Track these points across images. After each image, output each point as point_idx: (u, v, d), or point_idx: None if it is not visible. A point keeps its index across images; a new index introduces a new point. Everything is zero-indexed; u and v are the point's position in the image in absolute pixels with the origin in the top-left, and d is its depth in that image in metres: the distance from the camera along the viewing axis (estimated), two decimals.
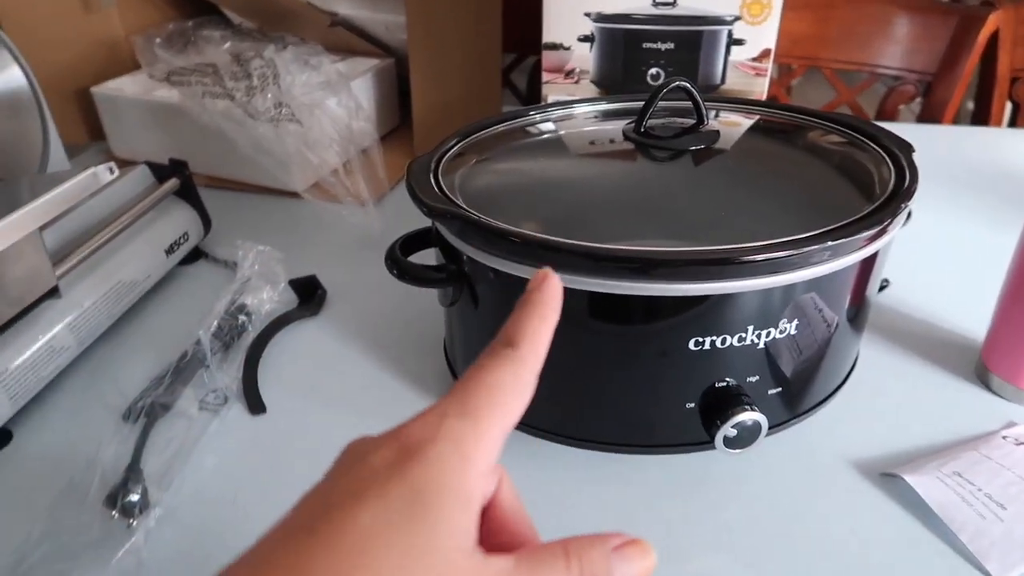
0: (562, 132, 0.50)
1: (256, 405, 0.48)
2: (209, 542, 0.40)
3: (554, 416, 0.43)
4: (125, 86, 0.79)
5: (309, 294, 0.59)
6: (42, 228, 0.46)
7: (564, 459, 0.44)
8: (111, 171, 0.50)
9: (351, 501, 0.19)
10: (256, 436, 0.47)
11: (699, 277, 0.35)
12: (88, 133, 0.84)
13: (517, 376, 0.23)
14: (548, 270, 0.25)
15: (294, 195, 0.74)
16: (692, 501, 0.42)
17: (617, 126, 0.47)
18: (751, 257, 0.35)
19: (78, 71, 0.80)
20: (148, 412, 0.46)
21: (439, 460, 0.20)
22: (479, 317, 0.43)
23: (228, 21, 0.88)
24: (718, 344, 0.38)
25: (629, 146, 0.45)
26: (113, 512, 0.40)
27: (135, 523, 0.39)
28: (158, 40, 0.78)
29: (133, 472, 0.42)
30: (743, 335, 0.38)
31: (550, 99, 0.67)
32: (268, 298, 0.56)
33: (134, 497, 0.40)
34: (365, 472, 0.20)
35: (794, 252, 0.35)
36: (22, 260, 0.45)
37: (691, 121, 0.48)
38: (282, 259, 0.59)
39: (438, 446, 0.20)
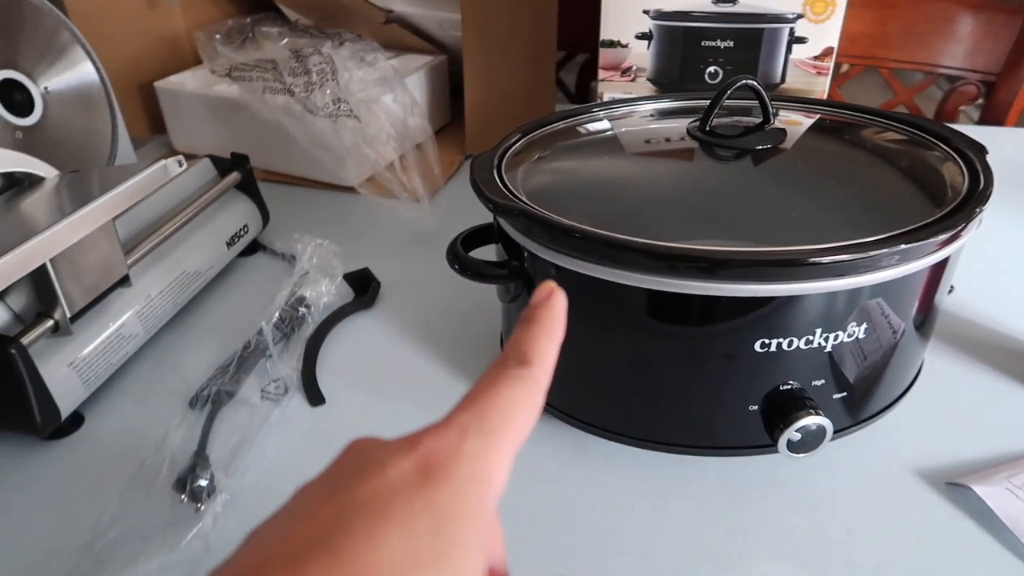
0: (625, 130, 0.50)
1: (315, 396, 0.49)
2: None
3: (614, 415, 0.43)
4: (186, 81, 0.81)
5: (363, 287, 0.60)
6: (114, 219, 0.47)
7: (621, 458, 0.44)
8: (180, 164, 0.51)
9: (374, 521, 0.18)
10: (316, 427, 0.47)
11: (769, 278, 0.35)
12: (149, 127, 0.86)
13: (531, 396, 0.21)
14: (552, 284, 0.24)
15: (347, 189, 0.75)
16: (752, 505, 0.41)
17: (680, 124, 0.47)
18: (822, 259, 0.34)
19: (141, 66, 0.82)
20: (214, 400, 0.47)
21: (464, 482, 0.19)
22: None
23: (285, 18, 0.90)
24: (784, 346, 0.37)
25: (693, 144, 0.44)
26: (182, 496, 0.41)
27: (203, 507, 0.40)
28: (218, 36, 0.80)
29: (200, 458, 0.43)
30: (810, 338, 0.37)
31: (605, 97, 0.67)
32: (326, 291, 0.57)
33: (203, 482, 0.41)
34: (383, 487, 0.18)
35: (865, 255, 0.35)
36: (97, 249, 0.46)
37: (755, 120, 0.47)
38: (339, 253, 0.60)
39: (462, 467, 0.19)
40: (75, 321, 0.46)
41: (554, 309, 0.24)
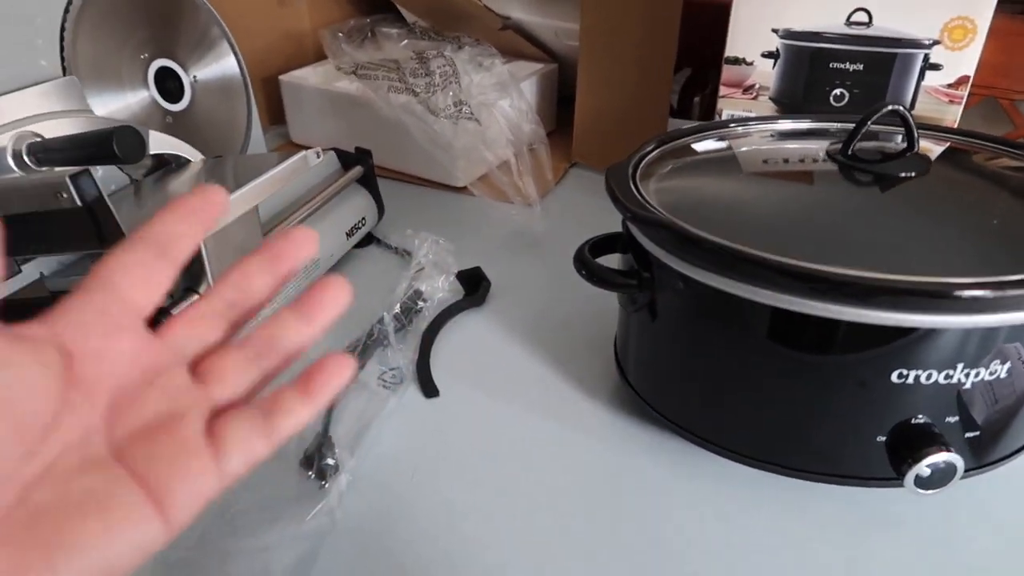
0: (760, 148, 0.49)
1: (430, 389, 0.51)
2: (393, 511, 0.42)
3: (732, 432, 0.43)
4: (308, 76, 0.85)
5: (475, 286, 0.61)
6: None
7: (735, 476, 0.44)
8: (317, 155, 0.53)
9: None
10: (430, 418, 0.49)
11: (917, 308, 0.34)
12: (268, 118, 0.90)
13: None
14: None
15: (455, 189, 0.77)
16: (869, 537, 0.41)
17: (818, 146, 0.46)
18: (979, 292, 0.33)
19: (267, 60, 0.86)
20: None
21: None
22: (665, 325, 0.43)
23: (403, 19, 0.93)
24: (922, 379, 0.37)
25: (832, 167, 0.44)
26: (309, 473, 0.43)
27: (328, 485, 0.42)
28: (341, 35, 0.83)
29: (325, 438, 0.45)
30: (950, 372, 0.36)
31: (724, 114, 0.67)
32: (441, 286, 0.58)
33: (330, 461, 0.42)
34: None
35: (1021, 292, 0.34)
36: (241, 231, 0.49)
37: (889, 145, 0.46)
38: (453, 250, 0.61)
39: None
40: None
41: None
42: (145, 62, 0.56)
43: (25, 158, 0.44)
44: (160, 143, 0.53)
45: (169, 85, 0.57)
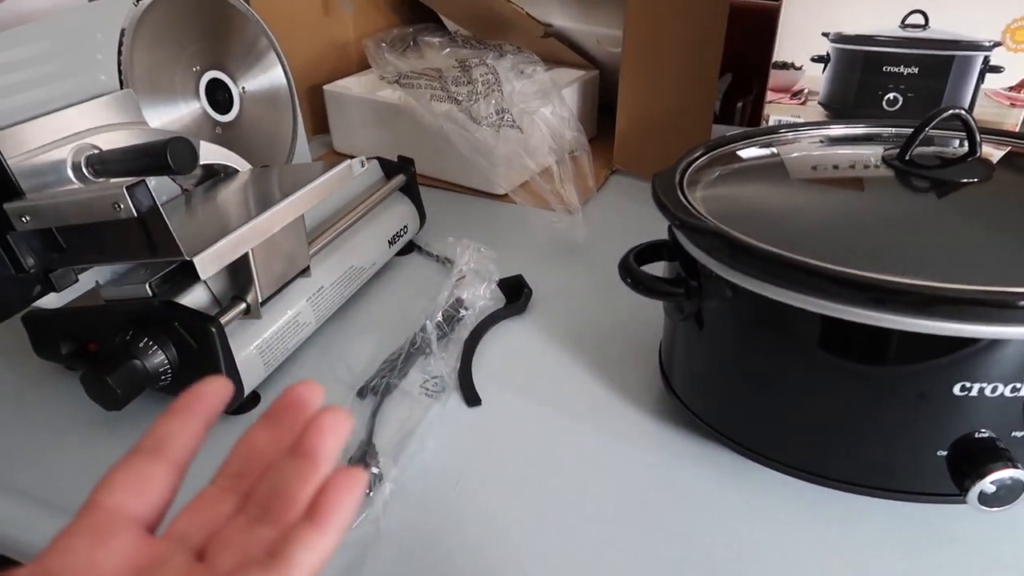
0: (812, 153, 0.48)
1: (472, 397, 0.50)
2: (436, 521, 0.42)
3: (782, 443, 0.42)
4: (352, 85, 0.86)
5: (516, 293, 0.61)
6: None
7: (784, 489, 0.43)
8: (362, 164, 0.54)
9: None
10: (472, 426, 0.49)
11: (982, 318, 0.33)
12: (312, 126, 0.91)
13: None
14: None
15: (495, 196, 0.77)
16: (927, 556, 0.39)
17: (873, 151, 0.45)
18: None
19: (312, 70, 0.87)
20: (383, 391, 0.49)
21: None
22: (713, 335, 0.42)
23: (444, 28, 0.93)
24: (987, 392, 0.35)
25: (889, 173, 0.43)
26: None
27: (372, 494, 0.42)
28: (384, 44, 0.84)
29: (369, 446, 0.45)
30: (1017, 385, 0.35)
31: (771, 120, 0.65)
32: (482, 294, 0.58)
33: (374, 470, 0.43)
34: None
35: None
36: (287, 240, 0.49)
37: (955, 151, 0.45)
38: (495, 258, 0.61)
39: None
40: (264, 305, 0.49)
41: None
42: (197, 74, 0.57)
43: (84, 170, 0.45)
44: (210, 153, 0.54)
45: (219, 96, 0.59)
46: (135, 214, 0.37)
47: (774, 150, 0.49)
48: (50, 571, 0.22)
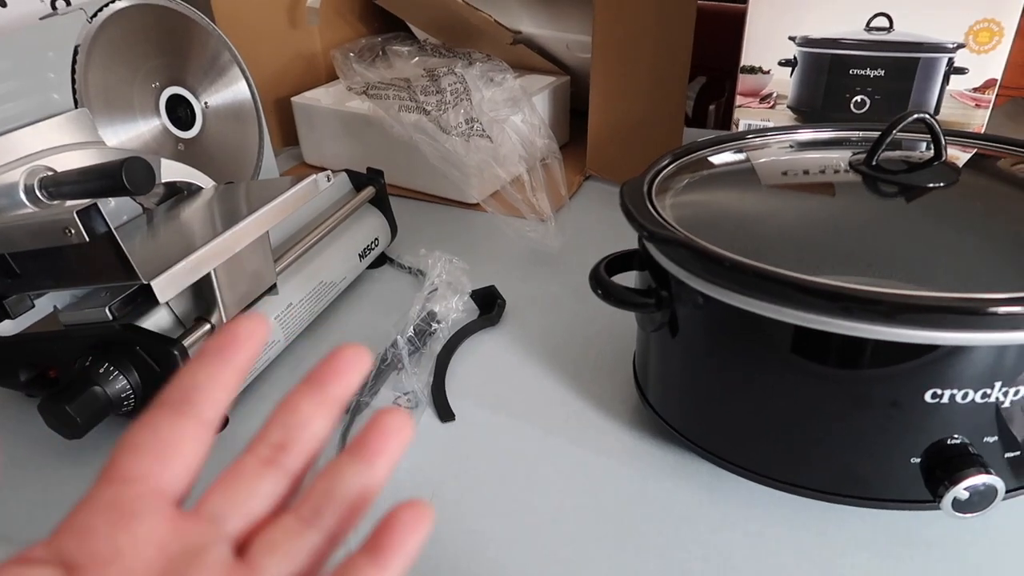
0: (780, 159, 0.48)
1: (446, 413, 0.50)
2: None
3: (757, 454, 0.41)
4: (320, 96, 0.85)
5: (489, 305, 0.60)
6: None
7: (761, 500, 0.42)
8: (328, 179, 0.53)
9: None
10: (446, 442, 0.48)
11: (950, 325, 0.33)
12: (281, 139, 0.90)
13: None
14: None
15: (468, 205, 0.76)
16: (903, 562, 0.39)
17: (839, 156, 0.45)
18: (1010, 308, 0.32)
19: (279, 82, 0.86)
20: (354, 410, 0.48)
21: None
22: (685, 345, 0.42)
23: (414, 37, 0.93)
24: (958, 399, 0.35)
25: (856, 179, 0.42)
26: None
27: None
28: (352, 54, 0.83)
29: None
30: (987, 391, 0.35)
31: (741, 124, 0.65)
32: (455, 307, 0.57)
33: None
34: None
35: None
36: (252, 258, 0.48)
37: (914, 155, 0.45)
38: (467, 270, 0.60)
39: None
40: None
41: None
42: (156, 91, 0.56)
43: (37, 192, 0.44)
44: (172, 171, 0.53)
45: (180, 112, 0.57)
46: (86, 239, 0.36)
47: (743, 156, 0.49)
48: (66, 556, 0.19)
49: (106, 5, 0.51)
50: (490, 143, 0.66)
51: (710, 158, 0.49)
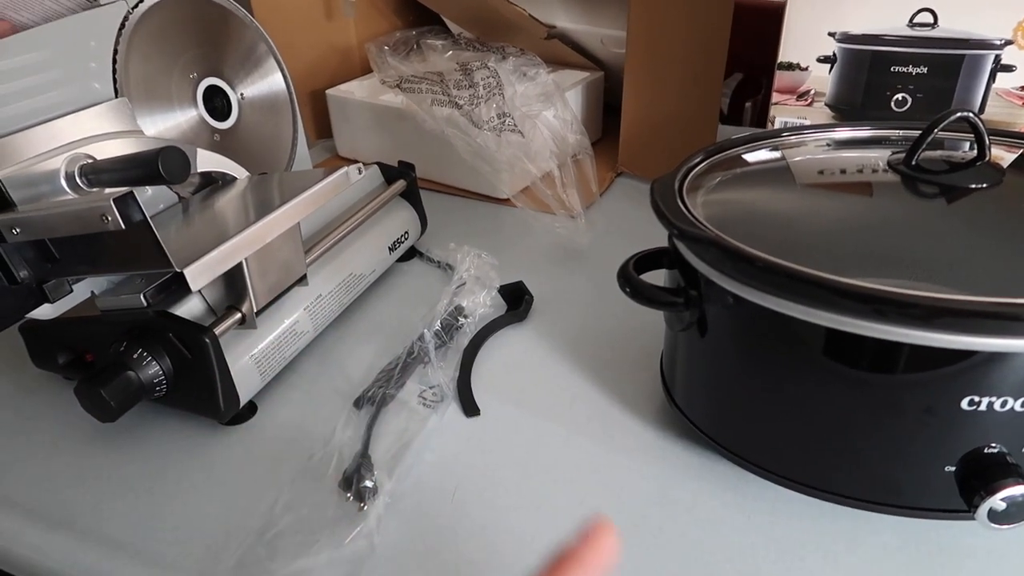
0: (816, 157, 0.47)
1: (471, 407, 0.50)
2: (432, 535, 0.41)
3: (786, 458, 0.41)
4: (355, 89, 0.85)
5: (517, 300, 0.60)
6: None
7: (788, 504, 0.42)
8: (359, 171, 0.53)
9: None
10: (470, 437, 0.48)
11: (991, 331, 0.32)
12: (315, 131, 0.91)
13: None
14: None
15: (498, 201, 0.76)
16: (934, 574, 0.38)
17: (878, 155, 0.44)
18: None
19: (314, 74, 0.87)
20: (380, 402, 0.48)
21: None
22: (714, 346, 0.41)
23: (448, 30, 0.93)
24: (996, 406, 0.34)
25: (895, 179, 0.41)
26: (348, 495, 0.42)
27: (366, 507, 0.41)
28: (386, 48, 0.84)
29: (365, 458, 0.44)
30: None
31: (777, 122, 0.64)
32: (482, 301, 0.57)
33: (368, 483, 0.42)
34: None
35: None
36: (283, 248, 0.49)
37: (964, 155, 0.43)
38: (496, 265, 0.60)
39: None
40: (259, 315, 0.49)
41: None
42: (194, 81, 0.56)
43: (77, 180, 0.45)
44: (207, 161, 0.53)
45: (217, 103, 0.58)
46: (122, 226, 0.36)
47: (777, 154, 0.48)
48: None
49: None
50: (522, 138, 0.66)
51: (744, 156, 0.48)
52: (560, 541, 0.25)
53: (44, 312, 0.47)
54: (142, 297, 0.45)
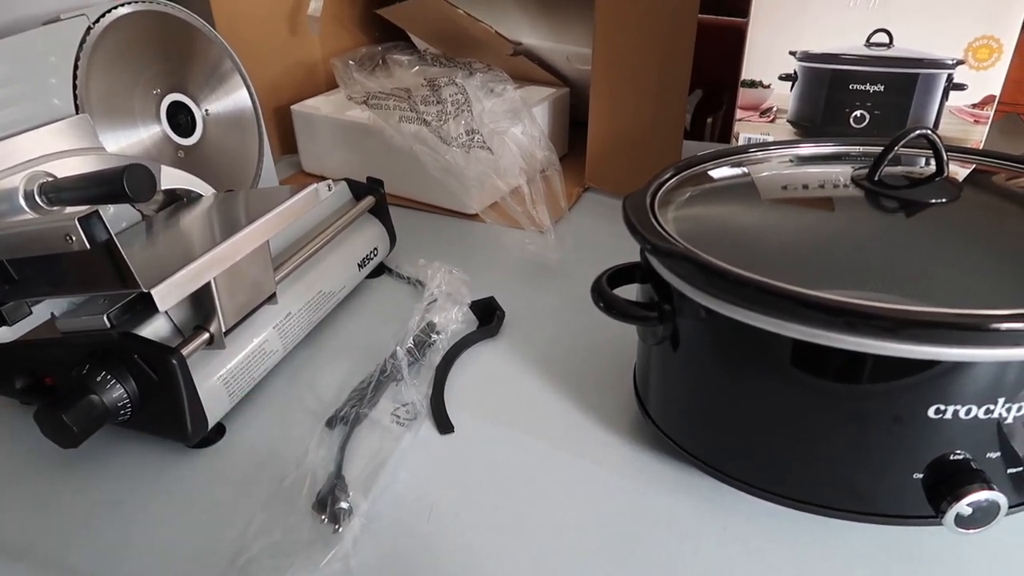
0: (781, 173, 0.48)
1: (445, 425, 0.49)
2: (409, 555, 0.41)
3: (759, 469, 0.41)
4: (320, 105, 0.85)
5: (488, 316, 0.60)
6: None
7: (762, 515, 0.42)
8: (329, 188, 0.53)
9: None
10: (445, 455, 0.48)
11: (953, 341, 0.33)
12: (280, 147, 0.90)
13: None
14: None
15: (469, 216, 0.76)
16: None
17: (842, 170, 0.45)
18: (1013, 324, 0.32)
19: (279, 90, 0.86)
20: (352, 422, 0.47)
21: None
22: (687, 359, 0.42)
23: (414, 46, 0.93)
24: (961, 414, 0.35)
25: (858, 193, 0.43)
26: (323, 517, 0.41)
27: (341, 529, 0.41)
28: (351, 63, 0.83)
29: (339, 479, 0.43)
30: (991, 407, 0.35)
31: (742, 138, 0.66)
32: (454, 318, 0.57)
33: (343, 504, 0.41)
34: None
35: None
36: (252, 267, 0.48)
37: (923, 171, 0.45)
38: (467, 280, 0.60)
39: None
40: (227, 335, 0.48)
41: None
42: (157, 97, 0.56)
43: (37, 198, 0.44)
44: (172, 178, 0.52)
45: (181, 119, 0.57)
46: (87, 246, 0.35)
47: (744, 170, 0.49)
48: None
49: (109, 11, 0.51)
50: (490, 155, 0.66)
51: (712, 172, 0.49)
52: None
53: (1, 335, 0.46)
54: (105, 318, 0.44)
